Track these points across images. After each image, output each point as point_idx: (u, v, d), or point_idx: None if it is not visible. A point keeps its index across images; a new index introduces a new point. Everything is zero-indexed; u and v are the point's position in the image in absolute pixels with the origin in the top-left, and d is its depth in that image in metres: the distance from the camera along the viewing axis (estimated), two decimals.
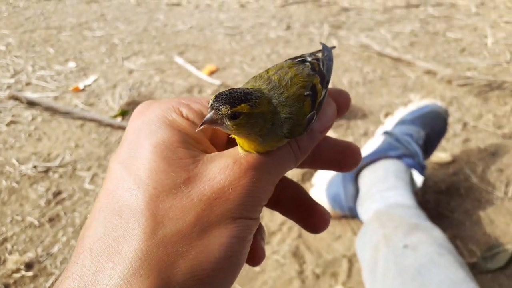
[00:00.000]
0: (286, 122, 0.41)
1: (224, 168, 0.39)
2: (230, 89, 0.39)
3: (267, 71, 0.45)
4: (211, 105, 0.37)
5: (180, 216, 0.36)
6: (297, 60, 0.49)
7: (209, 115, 0.37)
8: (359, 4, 3.75)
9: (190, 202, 0.37)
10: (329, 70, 0.50)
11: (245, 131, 0.39)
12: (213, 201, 0.37)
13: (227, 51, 2.89)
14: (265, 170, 0.40)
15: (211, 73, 2.58)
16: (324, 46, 0.54)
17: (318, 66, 0.48)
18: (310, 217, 0.48)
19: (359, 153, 0.50)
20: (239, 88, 0.39)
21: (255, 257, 0.46)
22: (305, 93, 0.43)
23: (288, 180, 0.51)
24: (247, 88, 0.40)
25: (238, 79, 2.50)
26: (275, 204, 0.50)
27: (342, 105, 0.50)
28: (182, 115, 0.43)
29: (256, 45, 2.98)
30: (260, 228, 0.47)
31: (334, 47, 0.51)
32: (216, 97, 0.37)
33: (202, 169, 0.39)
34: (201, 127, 0.38)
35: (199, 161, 0.40)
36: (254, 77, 0.45)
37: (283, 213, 0.50)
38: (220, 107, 0.37)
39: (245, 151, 0.41)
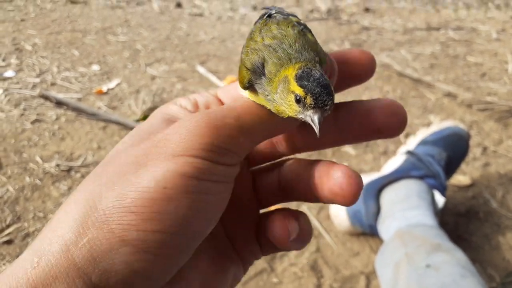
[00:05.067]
0: None
1: (179, 121, 0.40)
2: (310, 72, 0.36)
3: (261, 38, 0.42)
4: (317, 104, 0.36)
5: (124, 159, 0.38)
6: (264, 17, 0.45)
7: (319, 116, 0.37)
8: (380, 24, 3.79)
9: (136, 148, 0.39)
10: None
11: None
12: (157, 144, 0.38)
13: None
14: (224, 115, 0.40)
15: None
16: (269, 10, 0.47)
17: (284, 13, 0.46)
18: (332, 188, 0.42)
19: (404, 114, 0.44)
20: (312, 69, 0.37)
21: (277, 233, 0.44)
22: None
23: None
24: (313, 66, 0.37)
25: None
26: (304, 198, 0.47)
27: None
28: (180, 106, 0.46)
29: None
30: (296, 213, 0.46)
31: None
32: (316, 95, 0.36)
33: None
34: (318, 130, 0.37)
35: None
36: (255, 49, 0.41)
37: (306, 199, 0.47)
38: (328, 106, 0.36)
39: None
